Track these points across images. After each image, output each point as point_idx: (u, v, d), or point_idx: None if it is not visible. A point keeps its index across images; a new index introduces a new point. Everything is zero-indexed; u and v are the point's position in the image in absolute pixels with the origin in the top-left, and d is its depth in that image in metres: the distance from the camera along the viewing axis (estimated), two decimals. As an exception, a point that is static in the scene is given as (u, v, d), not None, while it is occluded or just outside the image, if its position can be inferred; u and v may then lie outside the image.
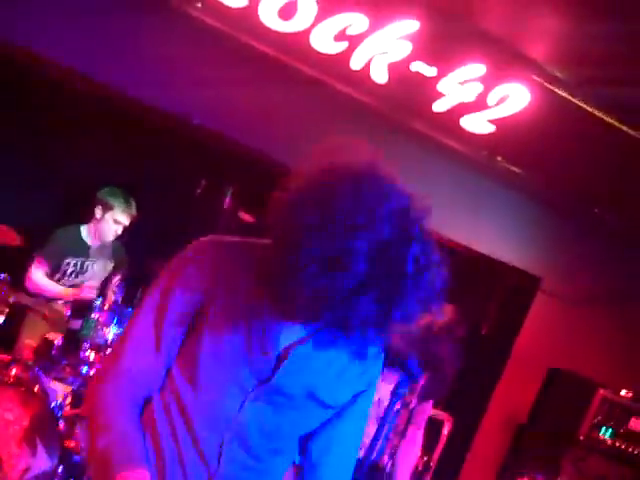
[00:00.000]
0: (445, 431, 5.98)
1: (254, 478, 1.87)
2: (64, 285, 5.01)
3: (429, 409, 3.64)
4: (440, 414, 5.81)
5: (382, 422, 2.26)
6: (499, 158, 5.55)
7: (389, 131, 5.24)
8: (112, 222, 5.02)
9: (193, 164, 5.19)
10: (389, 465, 3.39)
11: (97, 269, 5.11)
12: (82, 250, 5.08)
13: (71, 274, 5.04)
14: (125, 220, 5.04)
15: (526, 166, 5.60)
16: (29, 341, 4.45)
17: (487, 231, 5.85)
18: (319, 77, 5.03)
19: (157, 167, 5.42)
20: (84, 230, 5.09)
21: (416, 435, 3.62)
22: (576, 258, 6.08)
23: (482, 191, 5.74)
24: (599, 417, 5.76)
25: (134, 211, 5.07)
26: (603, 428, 5.75)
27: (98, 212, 5.03)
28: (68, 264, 5.02)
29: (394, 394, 2.23)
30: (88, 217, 5.07)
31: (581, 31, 4.58)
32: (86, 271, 5.07)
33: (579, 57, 4.85)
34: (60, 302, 5.00)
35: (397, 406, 3.25)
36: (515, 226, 5.93)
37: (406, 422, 3.41)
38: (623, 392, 5.82)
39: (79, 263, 5.06)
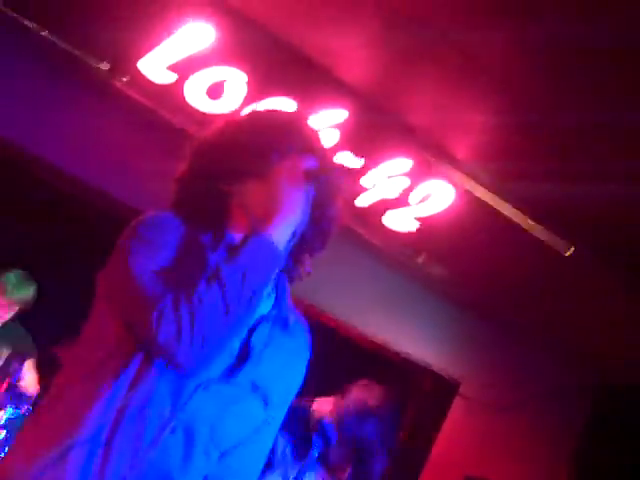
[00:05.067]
0: None
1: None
2: None
3: None
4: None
5: None
6: (421, 257, 5.50)
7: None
8: None
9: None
10: None
11: None
12: None
13: None
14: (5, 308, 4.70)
15: (448, 267, 5.55)
16: None
17: (405, 331, 5.74)
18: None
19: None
20: None
21: None
22: (496, 362, 6.01)
23: (403, 289, 5.67)
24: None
25: (17, 296, 4.71)
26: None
27: None
28: None
29: (309, 456, 2.10)
30: None
31: (505, 128, 4.62)
32: None
33: (503, 155, 4.87)
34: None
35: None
36: (434, 328, 5.85)
37: None
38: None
39: None
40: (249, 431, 1.84)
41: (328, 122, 4.78)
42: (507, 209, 5.17)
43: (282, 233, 1.72)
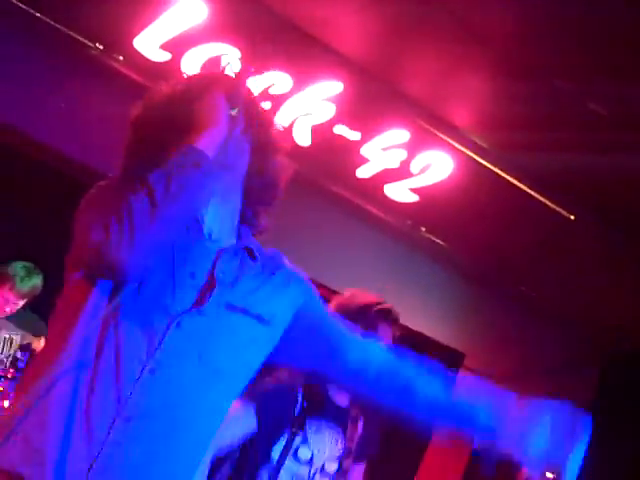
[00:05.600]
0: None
1: (189, 394, 1.79)
2: None
3: (361, 474, 3.25)
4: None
5: None
6: (423, 229, 5.50)
7: (312, 195, 5.15)
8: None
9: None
10: None
11: None
12: None
13: None
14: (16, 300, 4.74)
15: (450, 238, 5.55)
16: None
17: (409, 303, 5.72)
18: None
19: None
20: None
21: None
22: (501, 333, 5.99)
23: (405, 261, 5.66)
24: (524, 499, 5.60)
25: (27, 288, 4.75)
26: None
27: None
28: None
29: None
30: None
31: (504, 98, 4.61)
32: None
33: (501, 124, 4.87)
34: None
35: (331, 468, 2.97)
36: (438, 299, 5.84)
37: None
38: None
39: None
40: (240, 351, 1.88)
41: (323, 95, 4.78)
42: (508, 176, 5.17)
43: (206, 143, 1.76)
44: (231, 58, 4.57)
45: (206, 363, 1.79)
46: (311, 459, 2.89)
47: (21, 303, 4.80)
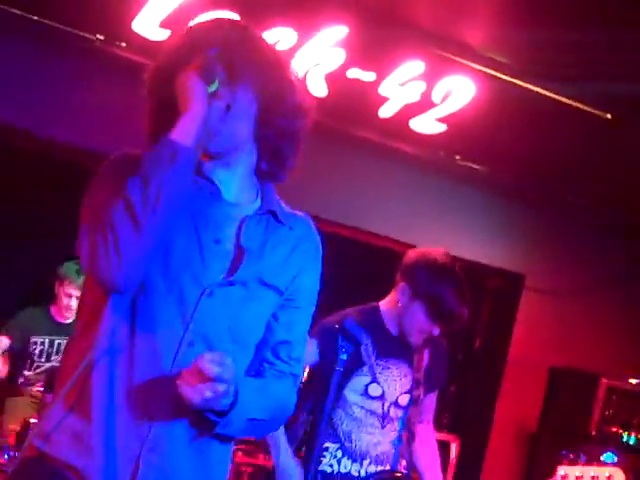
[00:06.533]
0: (453, 454, 5.71)
1: None
2: (36, 372, 4.81)
3: (434, 401, 3.40)
4: (445, 436, 5.56)
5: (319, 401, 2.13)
6: (457, 157, 5.40)
7: (337, 145, 5.11)
8: (64, 296, 4.81)
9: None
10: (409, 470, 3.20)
11: None
12: (49, 328, 4.86)
13: (41, 355, 4.82)
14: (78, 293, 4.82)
15: (486, 161, 5.45)
16: (13, 426, 4.32)
17: (457, 234, 5.65)
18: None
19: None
20: (53, 308, 4.90)
21: (430, 435, 3.38)
22: (556, 249, 5.89)
23: (446, 193, 5.59)
24: (610, 409, 5.53)
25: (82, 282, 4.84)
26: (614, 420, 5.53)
27: (56, 287, 4.84)
28: (35, 343, 4.81)
29: (336, 361, 2.38)
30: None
31: (514, 7, 4.48)
32: (59, 351, 4.84)
33: (517, 38, 4.72)
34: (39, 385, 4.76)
35: (403, 400, 3.15)
36: (486, 225, 5.75)
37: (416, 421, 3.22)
38: (632, 381, 5.62)
39: (47, 341, 4.84)
40: (262, 322, 1.87)
41: (330, 42, 4.70)
42: (534, 86, 5.03)
43: (181, 131, 1.69)
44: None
45: (235, 337, 1.80)
46: (382, 395, 3.07)
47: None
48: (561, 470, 3.10)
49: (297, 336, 1.95)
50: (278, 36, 4.67)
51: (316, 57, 4.75)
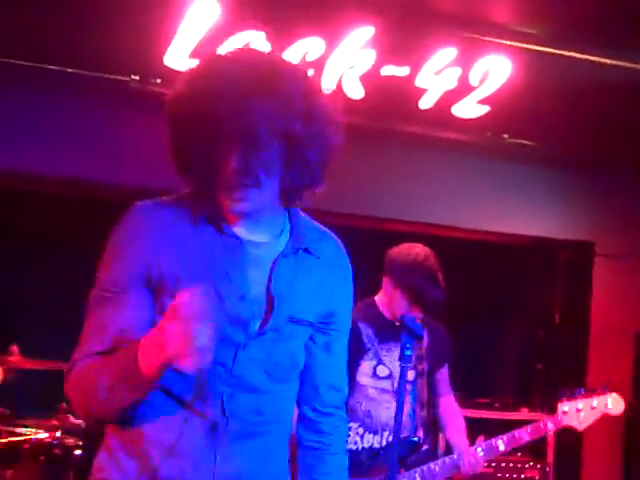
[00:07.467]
0: (550, 432, 5.61)
1: (267, 403, 1.83)
2: None
3: (446, 375, 3.79)
4: (537, 416, 5.48)
5: (399, 393, 2.22)
6: (505, 135, 5.34)
7: (385, 144, 5.12)
8: None
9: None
10: (427, 440, 3.55)
11: None
12: None
13: None
14: None
15: (535, 135, 5.37)
16: None
17: (519, 213, 5.60)
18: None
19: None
20: None
21: (452, 405, 3.79)
22: (620, 212, 5.77)
23: (500, 174, 5.54)
24: None
25: None
26: None
27: None
28: None
29: (402, 358, 2.22)
30: None
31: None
32: None
33: (543, 7, 4.65)
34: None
35: (410, 376, 3.46)
36: (545, 199, 5.66)
37: (429, 393, 3.61)
38: None
39: None
40: (298, 354, 1.90)
41: (359, 44, 4.71)
42: (571, 52, 4.94)
43: (157, 370, 1.61)
44: (258, 42, 4.59)
45: (274, 378, 1.82)
46: (390, 374, 3.43)
47: None
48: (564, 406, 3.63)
49: (336, 357, 2.00)
50: (306, 46, 4.71)
51: (347, 61, 4.76)
